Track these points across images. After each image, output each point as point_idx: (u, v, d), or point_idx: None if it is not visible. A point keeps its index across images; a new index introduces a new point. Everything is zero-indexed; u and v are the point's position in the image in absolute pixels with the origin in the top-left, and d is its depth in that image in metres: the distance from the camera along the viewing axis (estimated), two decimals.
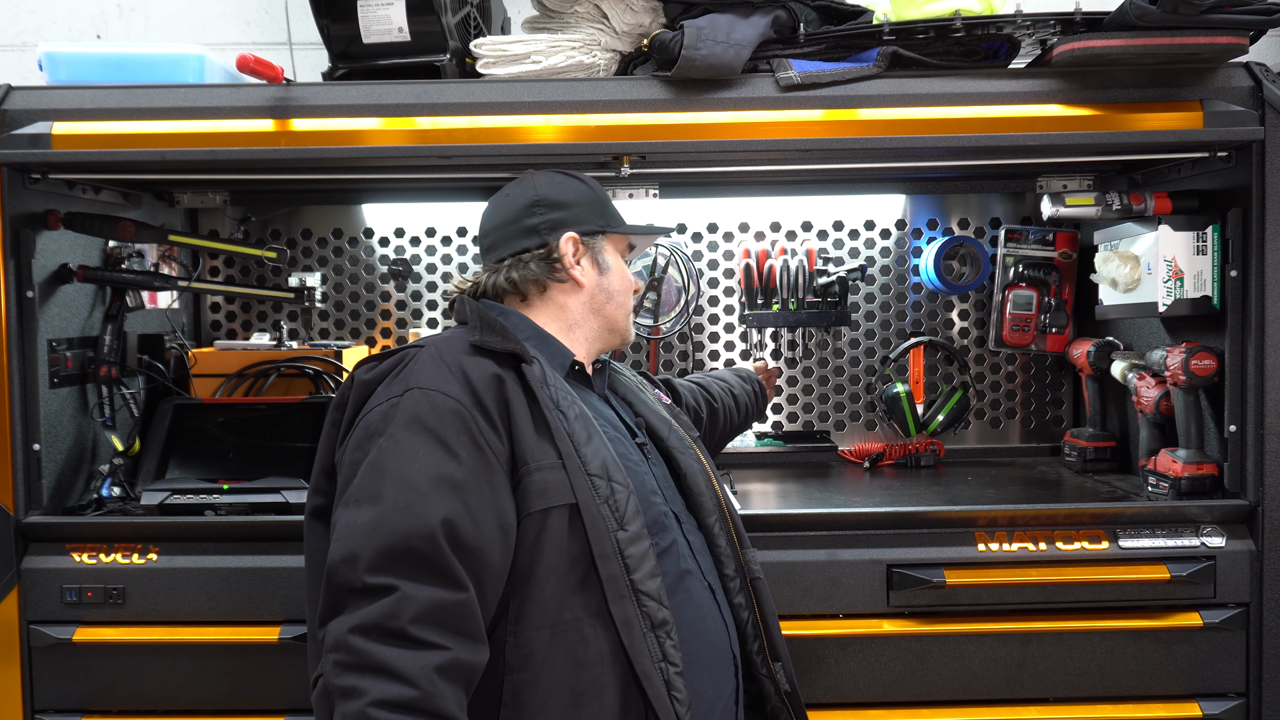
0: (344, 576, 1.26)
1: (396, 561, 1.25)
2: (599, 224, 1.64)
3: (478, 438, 1.34)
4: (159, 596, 1.93)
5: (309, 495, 1.49)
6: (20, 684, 1.94)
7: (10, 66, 2.70)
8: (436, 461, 1.31)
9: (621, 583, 1.36)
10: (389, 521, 1.27)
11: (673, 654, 1.37)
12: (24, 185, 2.00)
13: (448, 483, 1.30)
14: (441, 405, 1.34)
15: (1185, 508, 1.97)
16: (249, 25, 2.74)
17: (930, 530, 1.96)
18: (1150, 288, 2.12)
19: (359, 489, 1.32)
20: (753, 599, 1.58)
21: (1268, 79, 1.91)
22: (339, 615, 1.25)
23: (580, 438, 1.42)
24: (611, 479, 1.41)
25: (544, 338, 1.58)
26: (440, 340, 1.46)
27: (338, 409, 1.47)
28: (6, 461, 1.95)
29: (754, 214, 2.72)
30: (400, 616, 1.22)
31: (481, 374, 1.39)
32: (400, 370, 1.41)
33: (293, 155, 1.94)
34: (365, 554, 1.25)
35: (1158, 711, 1.94)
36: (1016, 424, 2.74)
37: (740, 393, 2.26)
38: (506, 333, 1.48)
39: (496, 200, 1.67)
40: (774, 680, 1.57)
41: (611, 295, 1.65)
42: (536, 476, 1.37)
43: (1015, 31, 1.96)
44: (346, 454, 1.38)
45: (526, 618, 1.34)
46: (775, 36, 1.98)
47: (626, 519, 1.40)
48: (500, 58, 2.00)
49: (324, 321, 2.73)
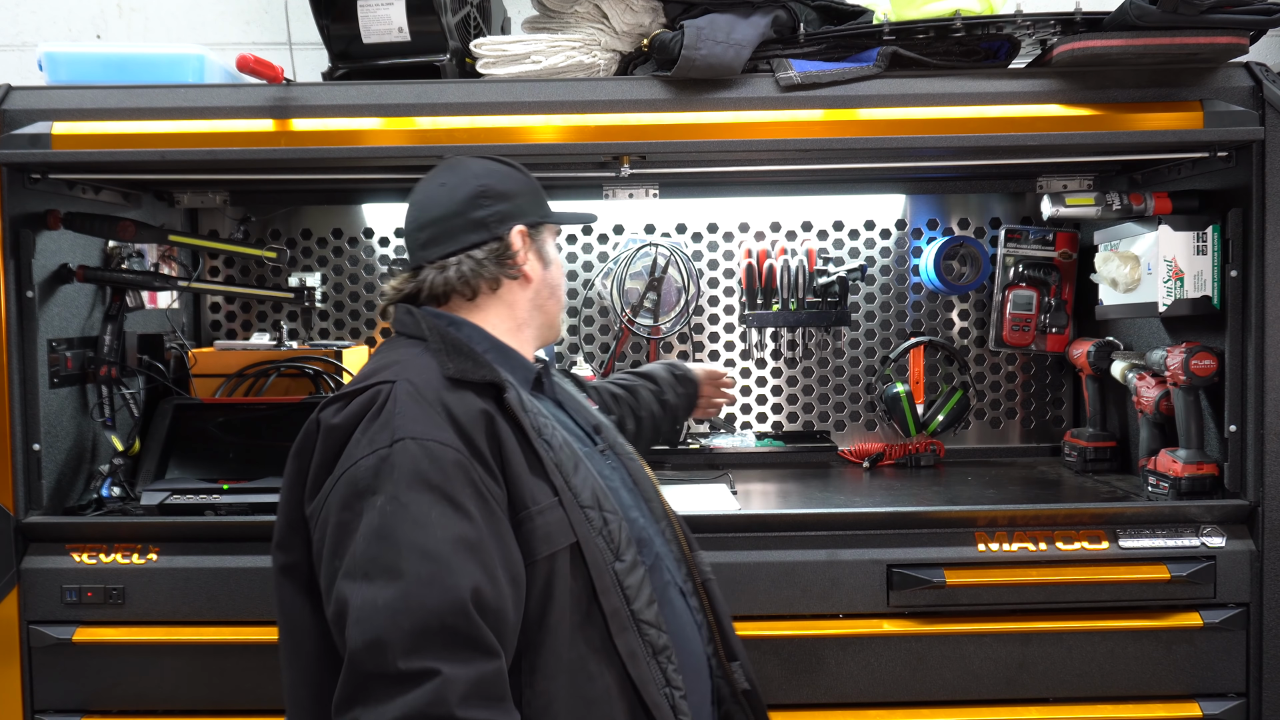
0: (372, 663, 1.15)
1: (431, 641, 1.16)
2: (540, 214, 1.56)
3: (481, 488, 1.26)
4: (159, 596, 1.93)
5: (274, 551, 1.37)
6: (20, 684, 1.94)
7: (10, 66, 2.70)
8: (450, 523, 1.22)
9: (623, 615, 1.33)
10: (416, 599, 1.17)
11: (675, 678, 1.35)
12: (24, 185, 2.00)
13: (466, 546, 1.21)
14: (442, 458, 1.25)
15: (1185, 508, 1.97)
16: (249, 25, 2.74)
17: (930, 530, 1.96)
18: (1150, 288, 2.12)
19: (368, 561, 1.20)
20: (705, 601, 1.54)
21: (1268, 79, 1.91)
22: (366, 706, 1.15)
23: (568, 468, 1.36)
24: (603, 508, 1.37)
25: (503, 350, 1.49)
26: (409, 370, 1.35)
27: (299, 456, 1.35)
28: (6, 461, 1.95)
29: (754, 214, 2.72)
30: (447, 702, 1.13)
31: (468, 413, 1.30)
32: (378, 412, 1.29)
33: (293, 155, 1.94)
34: (395, 638, 1.15)
35: (1158, 711, 1.94)
36: (1016, 424, 2.73)
37: (671, 398, 2.13)
38: (477, 357, 1.39)
39: (430, 191, 1.53)
40: (730, 680, 1.52)
41: (554, 289, 1.58)
42: (539, 520, 1.31)
43: (1015, 31, 1.96)
44: (330, 512, 1.26)
45: (542, 668, 1.28)
46: (775, 36, 1.98)
47: (621, 548, 1.36)
48: (500, 58, 2.00)
49: (324, 321, 2.73)
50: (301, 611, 1.35)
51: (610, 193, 2.39)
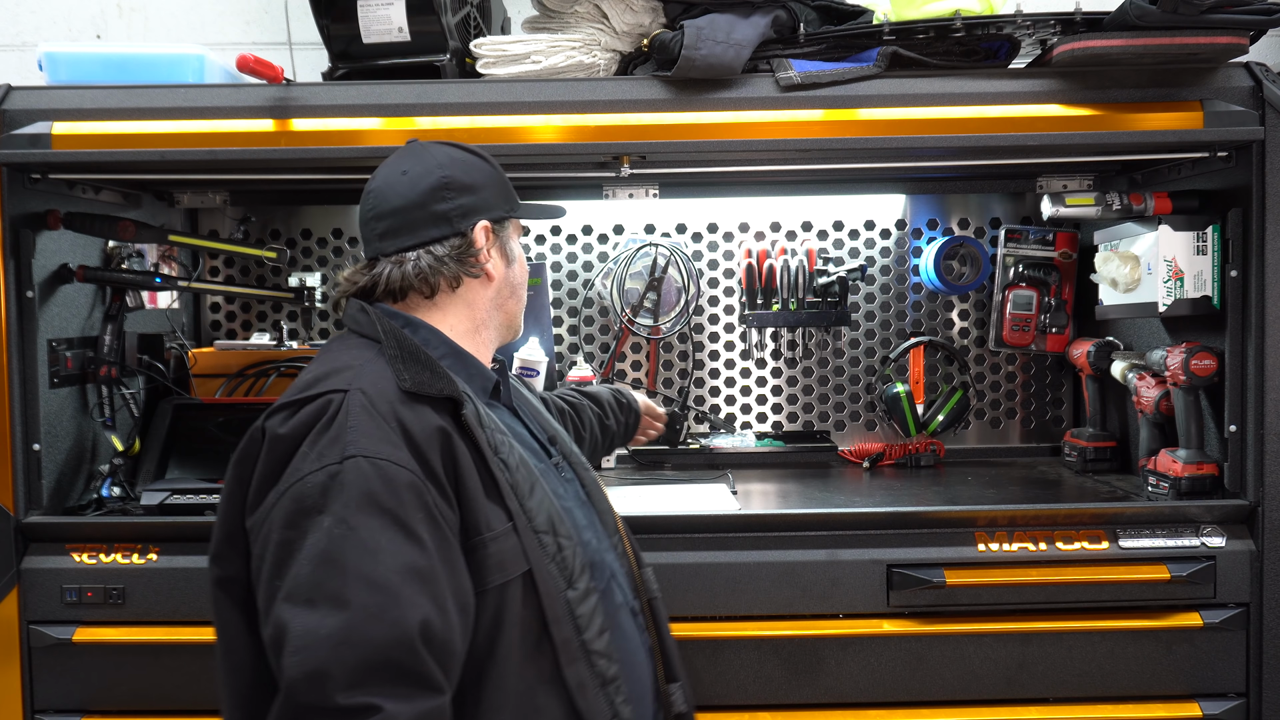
0: (310, 696, 1.10)
1: (373, 676, 1.10)
2: (506, 208, 1.48)
3: (434, 513, 1.20)
4: (159, 596, 1.93)
5: (210, 562, 1.29)
6: (20, 684, 1.94)
7: (10, 66, 2.70)
8: (401, 551, 1.15)
9: (574, 645, 1.28)
10: (360, 632, 1.11)
11: (623, 710, 1.31)
12: (24, 185, 2.00)
13: (417, 575, 1.15)
14: (395, 479, 1.18)
15: (1185, 508, 1.97)
16: (249, 25, 2.74)
17: (930, 530, 1.96)
18: (1150, 288, 2.12)
19: (312, 586, 1.14)
20: (649, 620, 1.49)
21: (1268, 79, 1.91)
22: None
23: (524, 490, 1.31)
24: (558, 533, 1.31)
25: (461, 356, 1.42)
26: (363, 378, 1.27)
27: (241, 464, 1.27)
28: (6, 461, 1.95)
29: (754, 214, 2.72)
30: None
31: (424, 430, 1.24)
32: (328, 424, 1.22)
33: (293, 155, 1.94)
34: (337, 671, 1.09)
35: (1158, 711, 1.94)
36: (1016, 424, 2.73)
37: (613, 424, 2.09)
38: (435, 367, 1.32)
39: (391, 179, 1.44)
40: (666, 703, 1.47)
41: (515, 288, 1.50)
42: (493, 548, 1.25)
43: (1015, 31, 1.96)
44: (274, 529, 1.19)
45: (488, 702, 1.24)
46: (775, 36, 1.98)
47: (575, 576, 1.31)
48: (500, 58, 2.00)
49: (324, 321, 2.73)
50: (237, 628, 1.28)
51: (610, 193, 2.39)
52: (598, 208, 2.69)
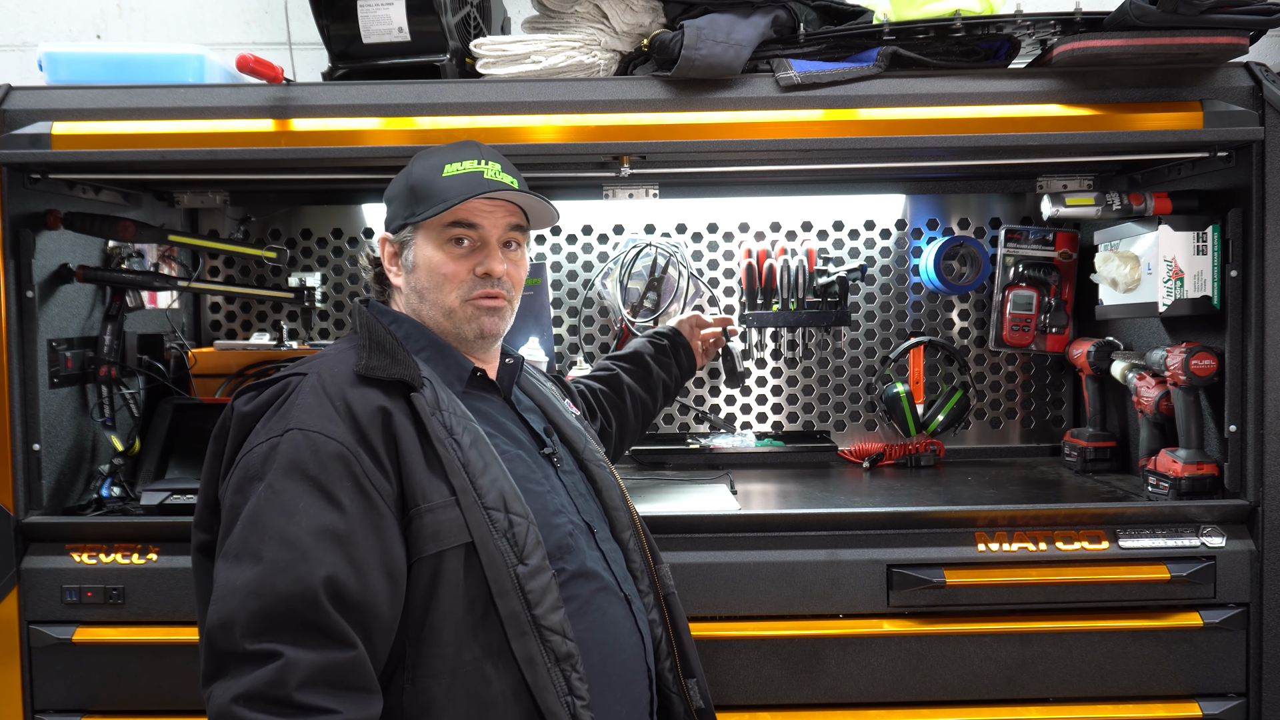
0: (223, 641, 1.20)
1: (277, 626, 1.19)
2: (404, 216, 1.52)
3: (362, 481, 1.28)
4: (159, 596, 1.93)
5: (193, 530, 1.42)
6: (20, 684, 1.94)
7: (10, 66, 2.71)
8: (318, 513, 1.25)
9: (523, 619, 1.32)
10: (268, 583, 1.21)
11: (579, 687, 1.34)
12: (24, 185, 2.00)
13: (330, 536, 1.24)
14: (323, 449, 1.28)
15: (1185, 508, 1.97)
16: (249, 25, 2.74)
17: (930, 530, 1.96)
18: (1150, 288, 2.12)
19: (238, 543, 1.25)
20: (665, 615, 1.55)
21: (1268, 79, 1.91)
22: (220, 680, 1.19)
23: (476, 467, 1.36)
24: (510, 510, 1.36)
25: (440, 347, 1.51)
26: (325, 365, 1.39)
27: (217, 439, 1.40)
28: (6, 461, 1.95)
29: (754, 214, 2.72)
30: (285, 684, 1.16)
31: (366, 407, 1.33)
32: (281, 404, 1.34)
33: (293, 155, 1.94)
34: (243, 618, 1.19)
35: (1158, 711, 1.94)
36: (1016, 424, 2.73)
37: (658, 370, 2.16)
38: (396, 353, 1.42)
39: None
40: (685, 697, 1.54)
41: (422, 293, 1.52)
42: (428, 519, 1.32)
43: (1015, 31, 1.96)
44: (228, 495, 1.31)
45: (424, 666, 1.30)
46: (775, 36, 1.98)
47: (526, 552, 1.35)
48: (500, 58, 2.00)
49: (324, 321, 2.73)
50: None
51: (610, 193, 2.39)
52: (598, 208, 2.69)
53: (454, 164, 1.51)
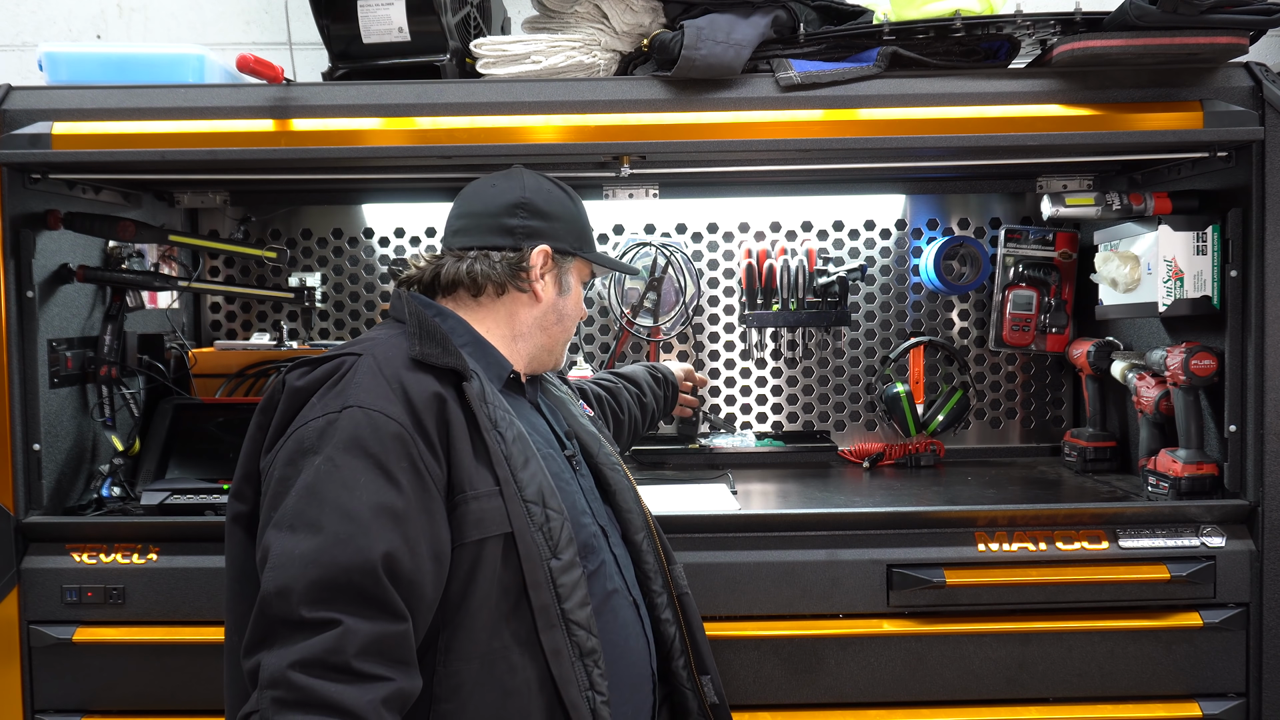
0: (279, 608, 1.20)
1: (337, 595, 1.21)
2: (573, 245, 1.60)
3: (418, 463, 1.30)
4: (159, 596, 1.93)
5: (229, 500, 1.42)
6: (20, 684, 1.94)
7: (10, 66, 2.71)
8: (377, 490, 1.26)
9: (553, 612, 1.35)
10: (329, 554, 1.22)
11: (600, 683, 1.36)
12: (24, 185, 2.00)
13: (389, 513, 1.26)
14: (383, 428, 1.29)
15: (1185, 508, 1.97)
16: (249, 25, 2.74)
17: (930, 530, 1.96)
18: (1150, 288, 2.12)
19: (295, 514, 1.26)
20: (679, 614, 1.58)
21: (1268, 79, 1.91)
22: (272, 648, 1.19)
23: (518, 461, 1.39)
24: (547, 505, 1.39)
25: (482, 345, 1.53)
26: (379, 348, 1.39)
27: (264, 412, 1.40)
28: (6, 461, 1.95)
29: (754, 214, 2.72)
30: (345, 651, 1.18)
31: (423, 392, 1.34)
32: (338, 381, 1.34)
33: (293, 155, 1.94)
34: (302, 586, 1.20)
35: (1158, 711, 1.94)
36: (1016, 424, 2.74)
37: (650, 399, 2.23)
38: (447, 344, 1.43)
39: (481, 187, 1.61)
40: (700, 694, 1.57)
41: (563, 317, 1.60)
42: (473, 505, 1.34)
43: (1015, 31, 1.96)
44: (276, 466, 1.31)
45: (457, 649, 1.32)
46: (775, 36, 1.98)
47: (560, 547, 1.38)
48: (500, 58, 2.00)
49: (324, 321, 2.73)
50: (247, 556, 1.39)
51: (610, 193, 2.39)
52: (598, 208, 2.68)
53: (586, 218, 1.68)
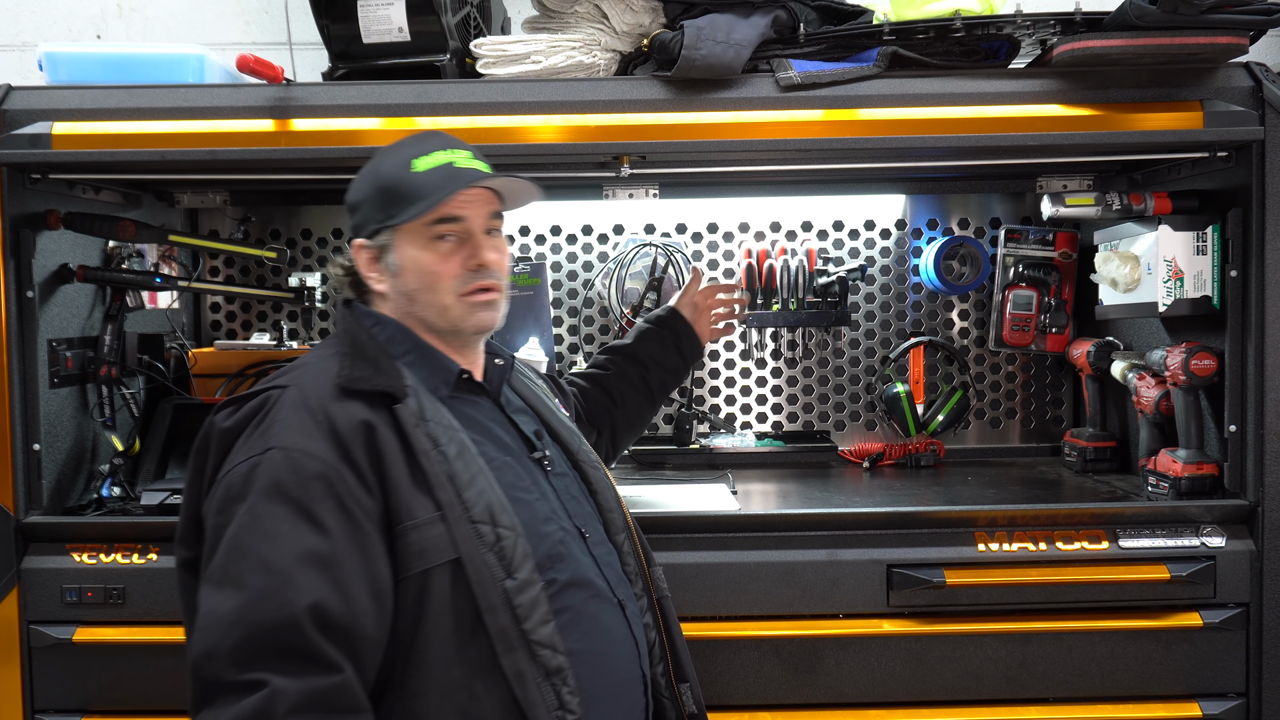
0: (207, 671, 1.18)
1: (261, 655, 1.17)
2: (380, 220, 1.44)
3: (346, 501, 1.25)
4: (159, 596, 1.93)
5: (175, 546, 1.37)
6: (20, 684, 1.94)
7: (10, 66, 2.70)
8: (300, 537, 1.22)
9: (512, 635, 1.30)
10: (251, 613, 1.18)
11: (570, 701, 1.31)
12: (24, 185, 2.00)
13: (315, 560, 1.21)
14: (305, 469, 1.24)
15: (1185, 508, 1.97)
16: (249, 25, 2.74)
17: (930, 530, 1.96)
18: (1150, 288, 2.12)
19: (221, 570, 1.23)
20: (659, 619, 1.52)
21: (1268, 79, 1.91)
22: (207, 708, 1.17)
23: (463, 480, 1.33)
24: (497, 523, 1.33)
25: (424, 350, 1.46)
26: (307, 376, 1.35)
27: (198, 455, 1.35)
28: (6, 461, 1.95)
29: (754, 214, 2.72)
30: (273, 713, 1.14)
31: (349, 422, 1.29)
32: (261, 420, 1.30)
33: (293, 155, 1.94)
34: (226, 647, 1.17)
35: (1158, 711, 1.94)
36: (1016, 424, 2.73)
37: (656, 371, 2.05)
38: (379, 361, 1.38)
39: None
40: (678, 703, 1.51)
41: (413, 295, 1.45)
42: (413, 536, 1.29)
43: (1015, 31, 1.96)
44: (210, 515, 1.28)
45: (413, 685, 1.27)
46: (775, 36, 1.98)
47: (515, 566, 1.32)
48: (500, 58, 2.00)
49: (324, 321, 2.73)
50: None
51: (610, 193, 2.39)
52: (598, 208, 2.69)
53: (422, 158, 1.45)
